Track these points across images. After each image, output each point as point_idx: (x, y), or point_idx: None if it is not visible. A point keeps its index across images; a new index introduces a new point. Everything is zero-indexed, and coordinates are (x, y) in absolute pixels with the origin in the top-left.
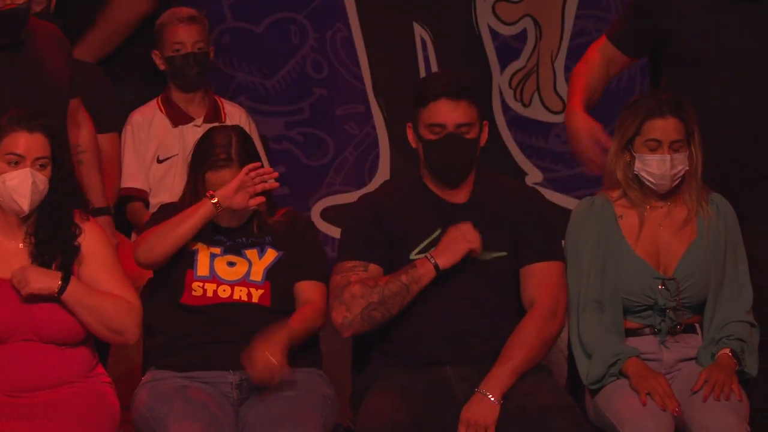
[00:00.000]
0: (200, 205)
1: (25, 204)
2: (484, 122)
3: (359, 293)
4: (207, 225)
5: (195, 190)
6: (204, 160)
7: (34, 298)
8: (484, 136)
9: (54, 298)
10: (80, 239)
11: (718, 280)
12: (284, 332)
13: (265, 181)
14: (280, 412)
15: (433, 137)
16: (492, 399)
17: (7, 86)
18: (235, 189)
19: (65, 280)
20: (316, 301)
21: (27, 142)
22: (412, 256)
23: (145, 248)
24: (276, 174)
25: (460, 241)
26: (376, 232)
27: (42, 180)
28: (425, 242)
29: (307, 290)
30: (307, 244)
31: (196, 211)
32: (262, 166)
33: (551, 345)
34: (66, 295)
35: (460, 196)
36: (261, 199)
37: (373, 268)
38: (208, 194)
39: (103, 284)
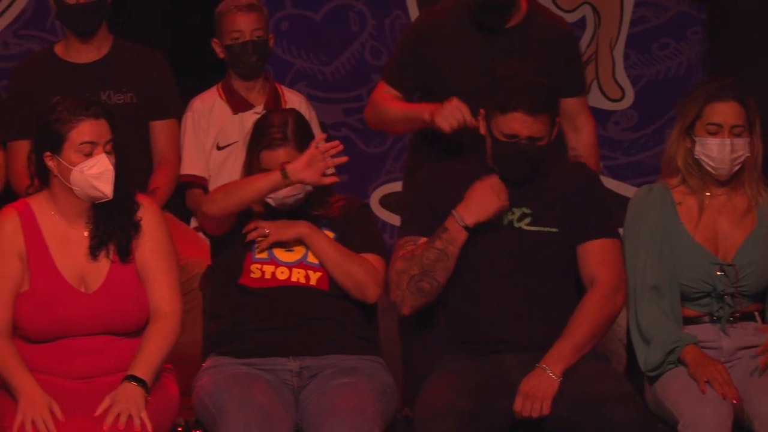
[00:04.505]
0: (269, 173)
1: (109, 190)
2: (556, 119)
3: (401, 268)
4: (263, 210)
5: (250, 170)
6: (260, 140)
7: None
8: (555, 132)
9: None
10: (139, 214)
11: None
12: None
13: (333, 156)
14: (340, 400)
15: (504, 140)
16: (551, 375)
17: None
18: (306, 163)
19: None
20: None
21: (94, 128)
22: None
23: (210, 199)
24: (341, 147)
25: (490, 197)
26: (427, 206)
27: (113, 164)
28: None
29: None
30: (362, 223)
31: (263, 177)
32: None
33: (613, 322)
34: None
35: None
36: (335, 178)
37: (423, 242)
38: (280, 167)
39: (154, 276)
